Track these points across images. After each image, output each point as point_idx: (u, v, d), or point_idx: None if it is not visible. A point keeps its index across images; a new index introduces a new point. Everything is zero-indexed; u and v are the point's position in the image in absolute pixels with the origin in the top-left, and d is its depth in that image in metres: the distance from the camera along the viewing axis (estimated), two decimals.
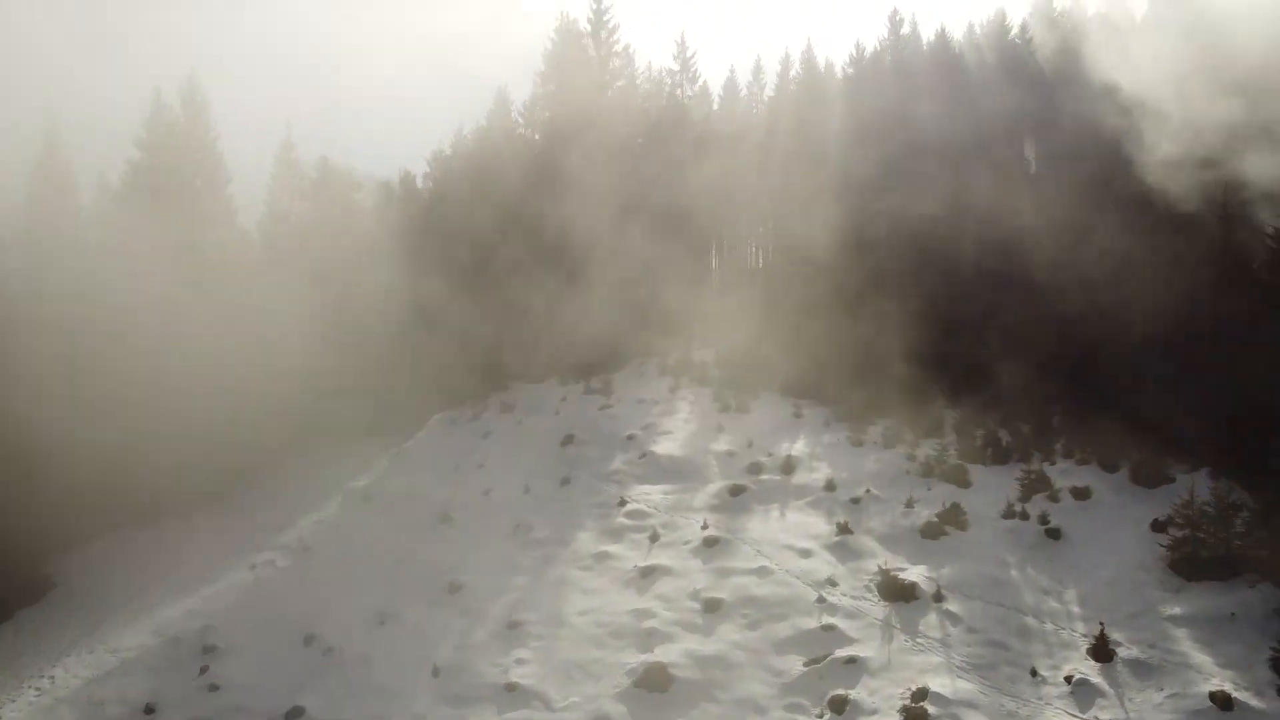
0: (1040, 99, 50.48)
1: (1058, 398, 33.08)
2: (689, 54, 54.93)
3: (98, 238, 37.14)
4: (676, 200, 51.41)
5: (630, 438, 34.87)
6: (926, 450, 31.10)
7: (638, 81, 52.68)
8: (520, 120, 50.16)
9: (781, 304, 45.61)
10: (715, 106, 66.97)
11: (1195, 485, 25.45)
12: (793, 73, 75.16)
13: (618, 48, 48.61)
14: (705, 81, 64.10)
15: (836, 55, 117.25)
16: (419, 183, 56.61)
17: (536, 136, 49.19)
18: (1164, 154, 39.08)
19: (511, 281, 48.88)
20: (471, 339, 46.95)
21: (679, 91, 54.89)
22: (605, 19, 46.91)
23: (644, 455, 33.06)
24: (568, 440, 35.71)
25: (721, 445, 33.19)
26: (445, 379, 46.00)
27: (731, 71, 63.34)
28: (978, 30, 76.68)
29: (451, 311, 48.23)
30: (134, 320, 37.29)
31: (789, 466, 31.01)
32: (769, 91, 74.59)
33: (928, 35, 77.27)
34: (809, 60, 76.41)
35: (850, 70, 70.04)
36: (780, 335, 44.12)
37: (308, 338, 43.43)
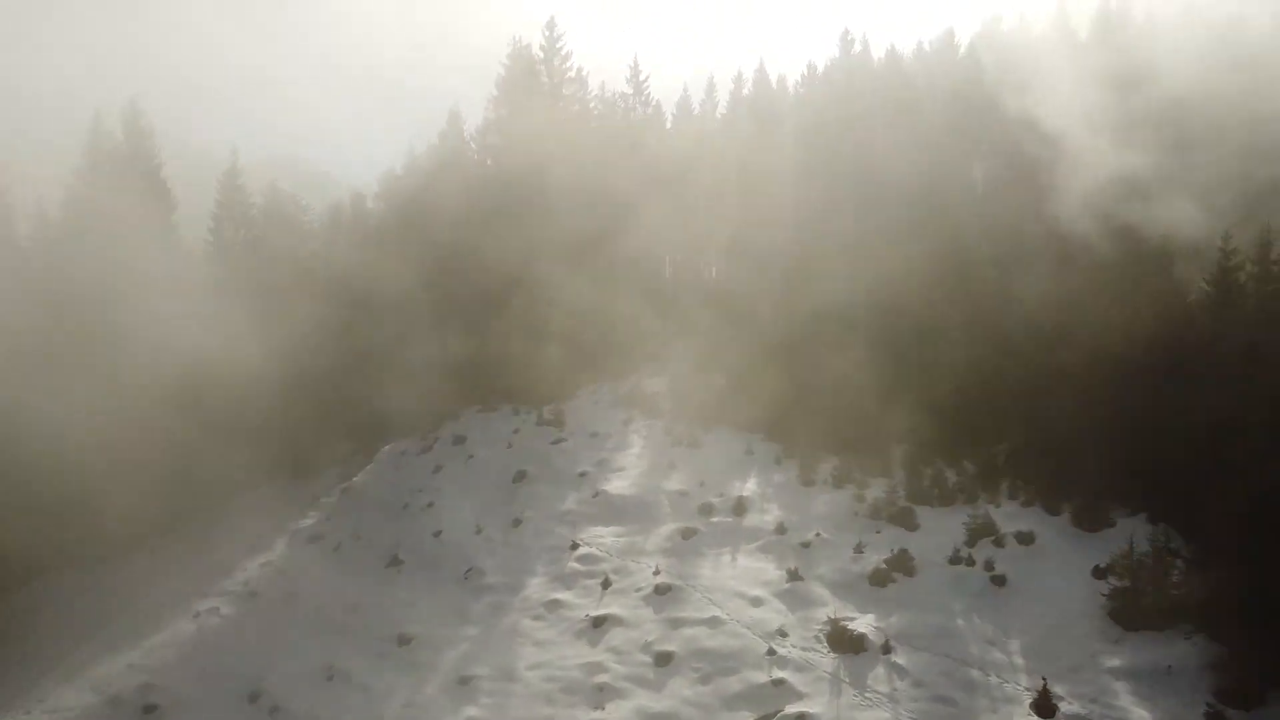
0: (986, 122, 51.49)
1: (1003, 434, 33.71)
2: (642, 78, 54.96)
3: (34, 270, 36.06)
4: (627, 224, 51.53)
5: (583, 475, 34.81)
6: (875, 491, 31.44)
7: (591, 105, 52.58)
8: (472, 145, 49.80)
9: (732, 331, 45.94)
10: (669, 125, 67.22)
11: (1135, 532, 26.17)
12: (745, 91, 75.70)
13: (570, 73, 48.52)
14: (659, 101, 64.07)
15: (791, 70, 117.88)
16: (369, 203, 56.14)
17: (489, 161, 48.86)
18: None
19: (463, 307, 48.64)
20: (423, 365, 46.59)
21: (632, 115, 54.84)
22: (558, 46, 46.74)
23: (596, 494, 33.01)
24: (520, 477, 35.54)
25: (674, 484, 33.25)
26: (395, 407, 45.61)
27: (685, 90, 62.75)
28: (927, 47, 78.00)
29: (402, 338, 47.89)
30: (67, 356, 36.36)
31: (740, 508, 31.16)
32: (721, 109, 75.04)
33: (879, 54, 78.44)
34: (761, 79, 77.00)
35: (802, 90, 70.70)
36: (731, 363, 44.41)
37: (252, 368, 42.69)
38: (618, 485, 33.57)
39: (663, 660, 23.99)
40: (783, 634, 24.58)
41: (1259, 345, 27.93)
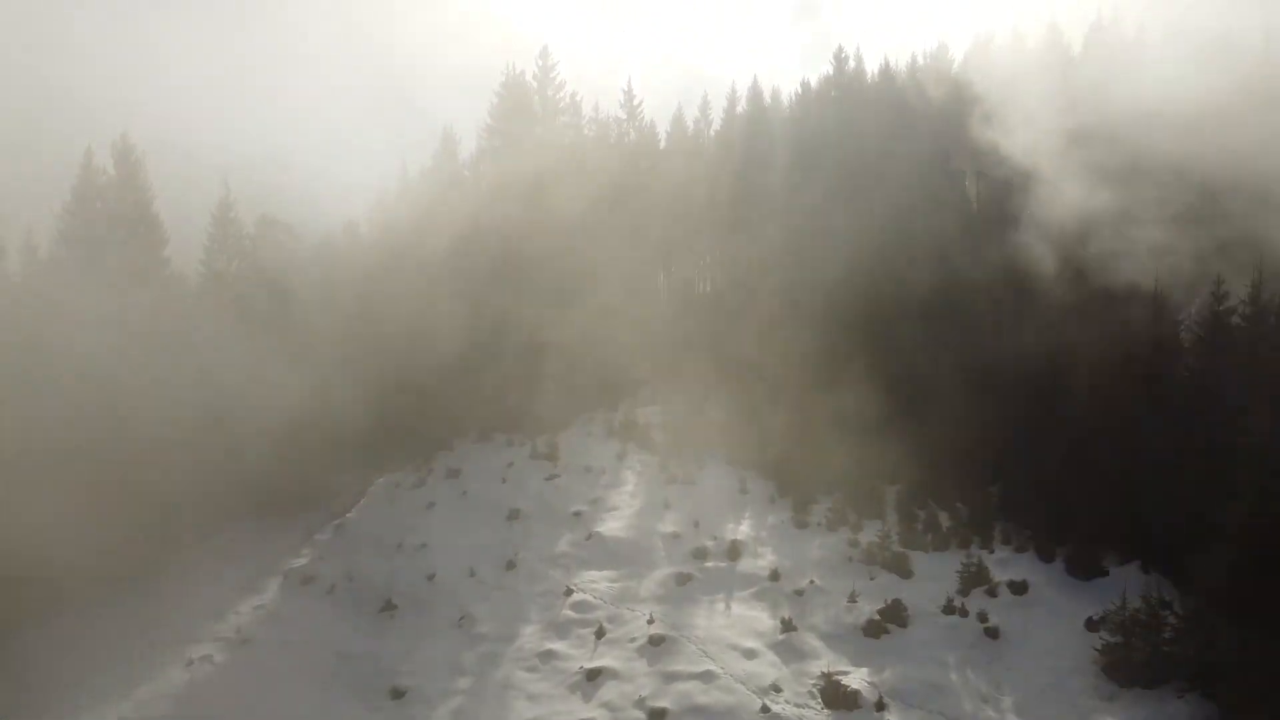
0: (975, 149, 51.68)
1: (996, 473, 33.79)
2: (636, 102, 54.98)
3: (22, 308, 35.87)
4: (621, 250, 51.60)
5: (577, 514, 34.78)
6: (869, 535, 31.46)
7: (585, 129, 52.63)
8: (466, 171, 49.80)
9: (726, 358, 46.01)
10: (663, 144, 67.31)
11: (1128, 582, 26.32)
12: (739, 109, 75.80)
13: (564, 100, 48.48)
14: (652, 121, 64.25)
15: (786, 85, 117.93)
16: (363, 228, 56.06)
17: (482, 186, 48.86)
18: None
19: (457, 335, 48.55)
20: (417, 394, 46.54)
21: (625, 140, 54.87)
22: (552, 75, 46.68)
23: (590, 536, 32.98)
24: (514, 515, 35.49)
25: (668, 525, 33.23)
26: (388, 438, 45.53)
27: (679, 108, 62.76)
28: (921, 61, 78.12)
29: (396, 366, 47.78)
30: (58, 391, 36.17)
31: (735, 552, 31.15)
32: (716, 126, 75.11)
33: (873, 67, 78.57)
34: (755, 95, 77.07)
35: (797, 110, 70.84)
36: (724, 393, 44.46)
37: (243, 401, 42.58)
38: (612, 526, 33.54)
39: (656, 717, 23.95)
40: (776, 689, 24.57)
41: (1247, 397, 28.08)
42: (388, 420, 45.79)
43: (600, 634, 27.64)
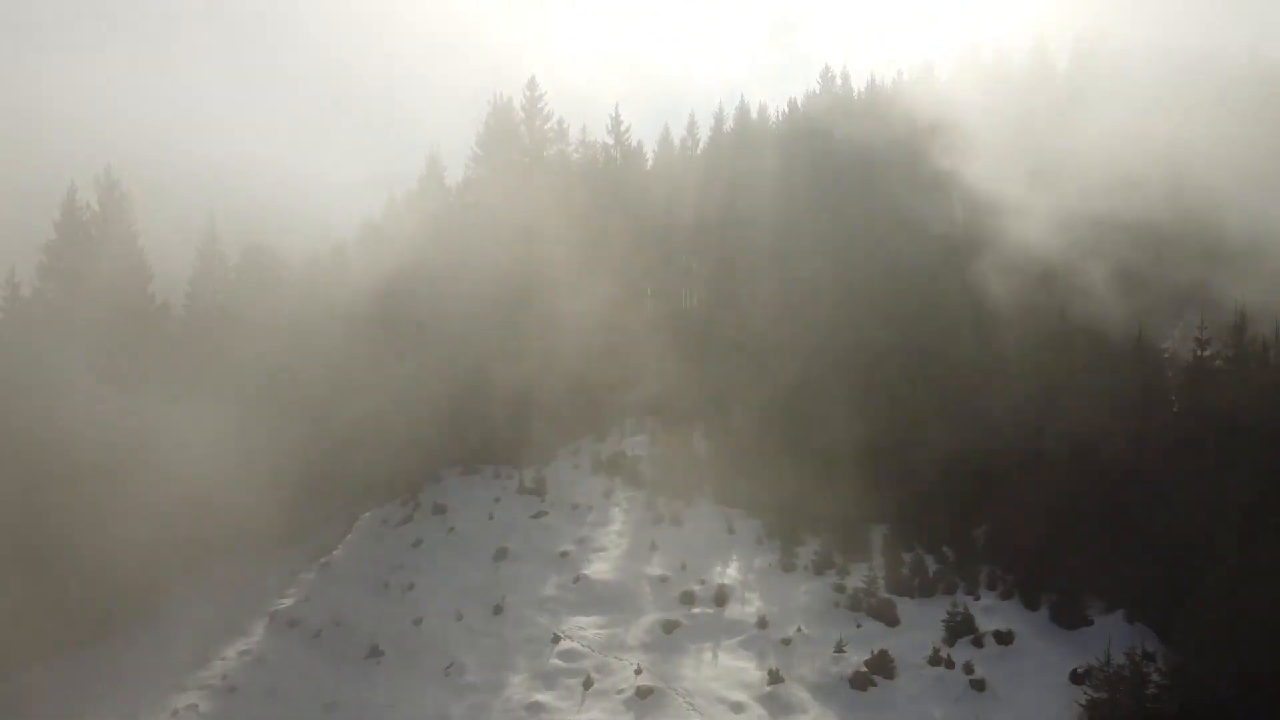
0: (957, 167, 52.02)
1: (981, 514, 33.97)
2: (623, 127, 54.99)
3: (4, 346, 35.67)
4: (609, 277, 51.61)
5: (564, 555, 34.77)
6: (855, 580, 31.57)
7: (572, 156, 52.61)
8: (452, 200, 49.76)
9: (713, 388, 46.12)
10: (650, 165, 67.39)
11: (1112, 633, 26.61)
12: (727, 126, 75.88)
13: (551, 126, 48.46)
14: (640, 142, 64.40)
15: (768, 99, 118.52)
16: (350, 251, 55.89)
17: (468, 217, 48.78)
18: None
19: (443, 363, 48.44)
20: (404, 423, 46.37)
21: (613, 165, 54.93)
22: (539, 105, 46.64)
23: (577, 579, 32.98)
24: (501, 555, 35.43)
25: (655, 568, 33.26)
26: (377, 467, 45.39)
27: (666, 129, 63.07)
28: (907, 77, 78.47)
29: (383, 395, 47.60)
30: (38, 432, 35.98)
31: (722, 597, 31.22)
32: (703, 144, 75.29)
33: (859, 86, 79.02)
34: (742, 114, 77.17)
35: (785, 126, 71.20)
36: (711, 425, 44.56)
37: (227, 433, 42.42)
38: (599, 568, 33.54)
39: None
40: None
41: (1229, 446, 28.32)
42: (374, 451, 45.68)
43: (588, 684, 27.64)
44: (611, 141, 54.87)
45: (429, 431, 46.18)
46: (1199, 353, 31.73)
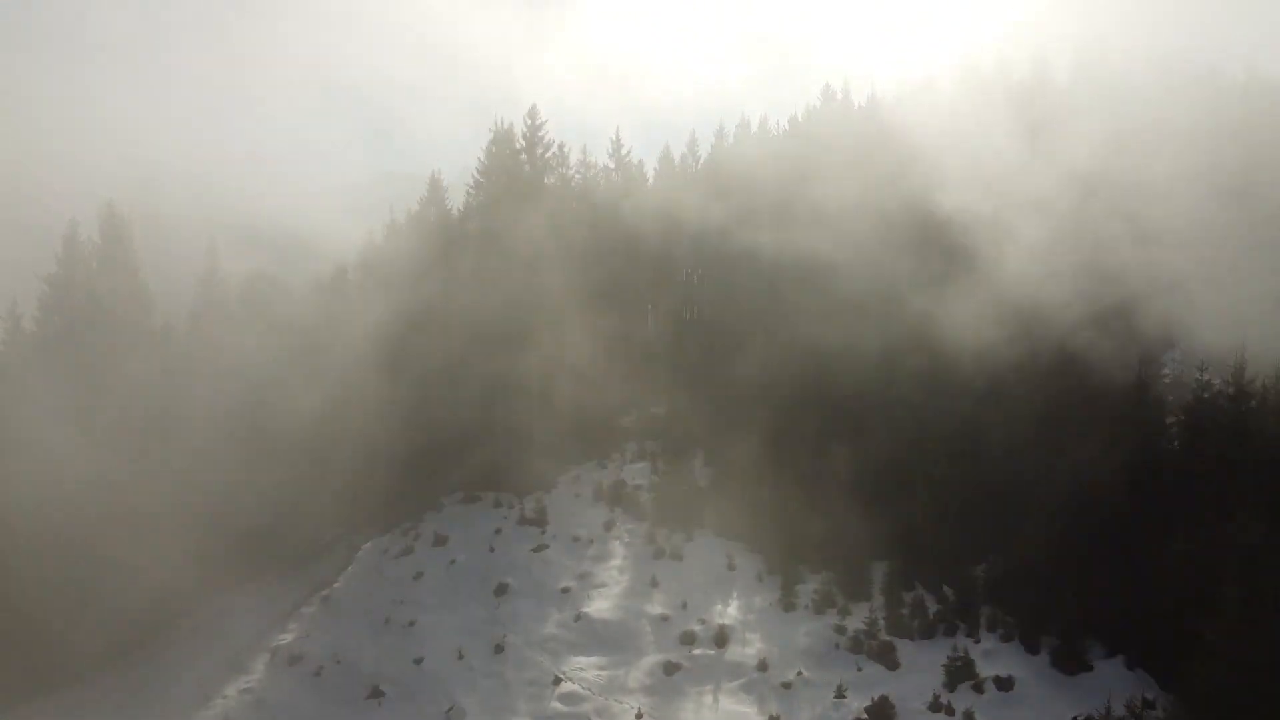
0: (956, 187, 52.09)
1: (982, 551, 33.96)
2: (624, 151, 55.19)
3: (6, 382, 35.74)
4: (608, 301, 51.70)
5: (565, 591, 34.82)
6: (856, 621, 31.59)
7: (573, 181, 52.68)
8: (454, 225, 49.87)
9: (712, 417, 46.16)
10: (650, 182, 67.46)
11: (1113, 681, 26.63)
12: (728, 142, 75.96)
13: (551, 155, 48.48)
14: (640, 161, 64.61)
15: (764, 113, 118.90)
16: (351, 275, 56.00)
17: (469, 245, 48.83)
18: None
19: (444, 387, 48.50)
20: (404, 448, 46.45)
21: (614, 189, 55.07)
22: (540, 134, 46.68)
23: (578, 617, 33.02)
24: (501, 590, 35.47)
25: (656, 606, 33.29)
26: (376, 495, 45.47)
27: (666, 148, 63.27)
28: (907, 91, 78.70)
29: (383, 420, 47.65)
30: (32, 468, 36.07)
31: (722, 637, 31.27)
32: (703, 159, 75.36)
33: (860, 99, 79.10)
34: (743, 130, 77.25)
35: (785, 142, 71.33)
36: (712, 451, 44.58)
37: (227, 461, 42.52)
38: (600, 606, 33.57)
39: None
40: None
41: (1231, 490, 28.30)
42: (375, 478, 45.78)
43: None
44: (613, 165, 54.86)
45: (430, 458, 46.32)
46: (1201, 393, 31.75)
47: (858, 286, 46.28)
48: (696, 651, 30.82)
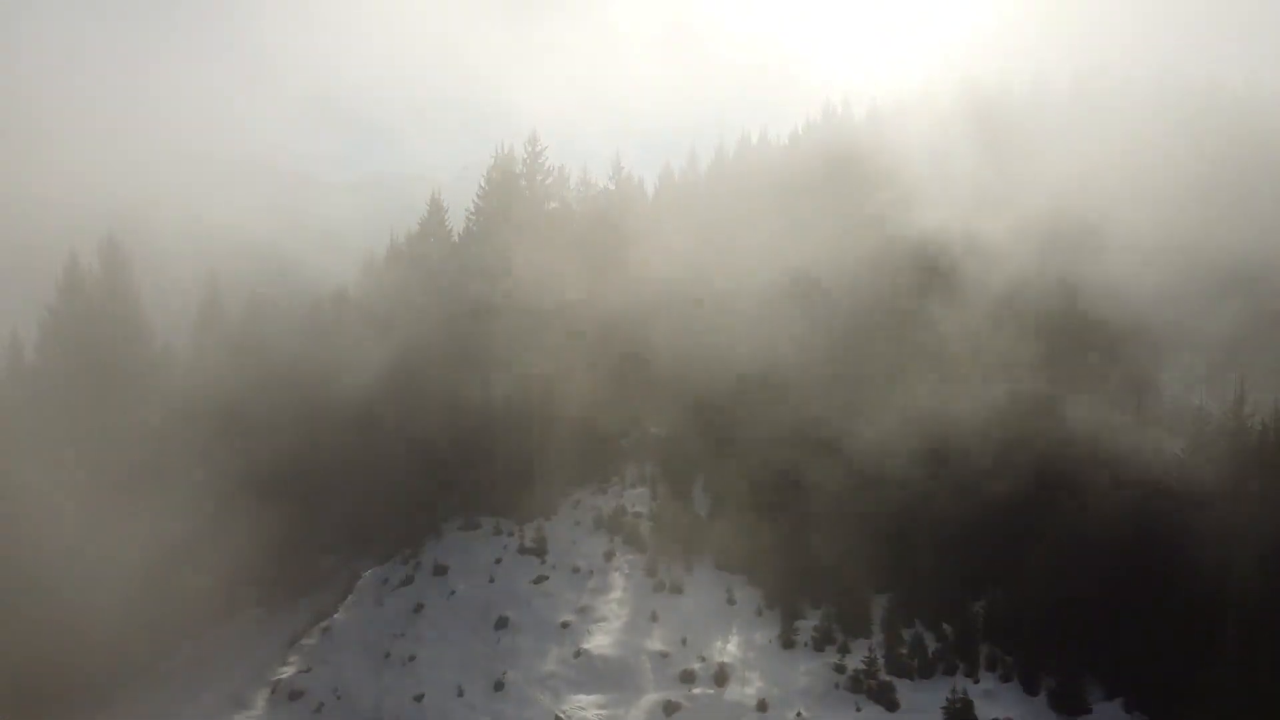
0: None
1: (982, 588, 34.00)
2: (624, 172, 55.26)
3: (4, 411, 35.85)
4: (606, 323, 51.75)
5: (565, 625, 34.82)
6: (855, 660, 31.60)
7: (573, 203, 52.79)
8: (454, 246, 50.01)
9: (713, 438, 46.13)
10: (651, 197, 67.64)
11: None
12: (728, 156, 76.10)
13: (551, 182, 48.59)
14: (640, 179, 64.86)
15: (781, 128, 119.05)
16: (351, 294, 56.11)
17: (469, 271, 48.96)
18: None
19: (443, 411, 48.60)
20: (404, 473, 46.58)
21: (614, 209, 55.16)
22: (540, 161, 46.77)
23: (578, 653, 33.03)
24: (502, 623, 35.49)
25: (656, 643, 33.30)
26: (377, 521, 45.58)
27: (666, 165, 63.62)
28: (908, 103, 79.06)
29: (382, 444, 47.78)
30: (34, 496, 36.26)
31: (722, 677, 31.31)
32: (703, 172, 75.61)
33: (860, 113, 79.57)
34: (744, 143, 77.30)
35: (787, 156, 71.64)
36: (712, 480, 44.56)
37: (227, 488, 42.69)
38: (600, 642, 33.58)
39: None
40: None
41: (1230, 530, 28.37)
42: (375, 504, 45.91)
43: None
44: (613, 186, 54.95)
45: (430, 482, 46.43)
46: (1200, 428, 31.85)
47: (859, 320, 46.50)
48: (696, 690, 30.86)
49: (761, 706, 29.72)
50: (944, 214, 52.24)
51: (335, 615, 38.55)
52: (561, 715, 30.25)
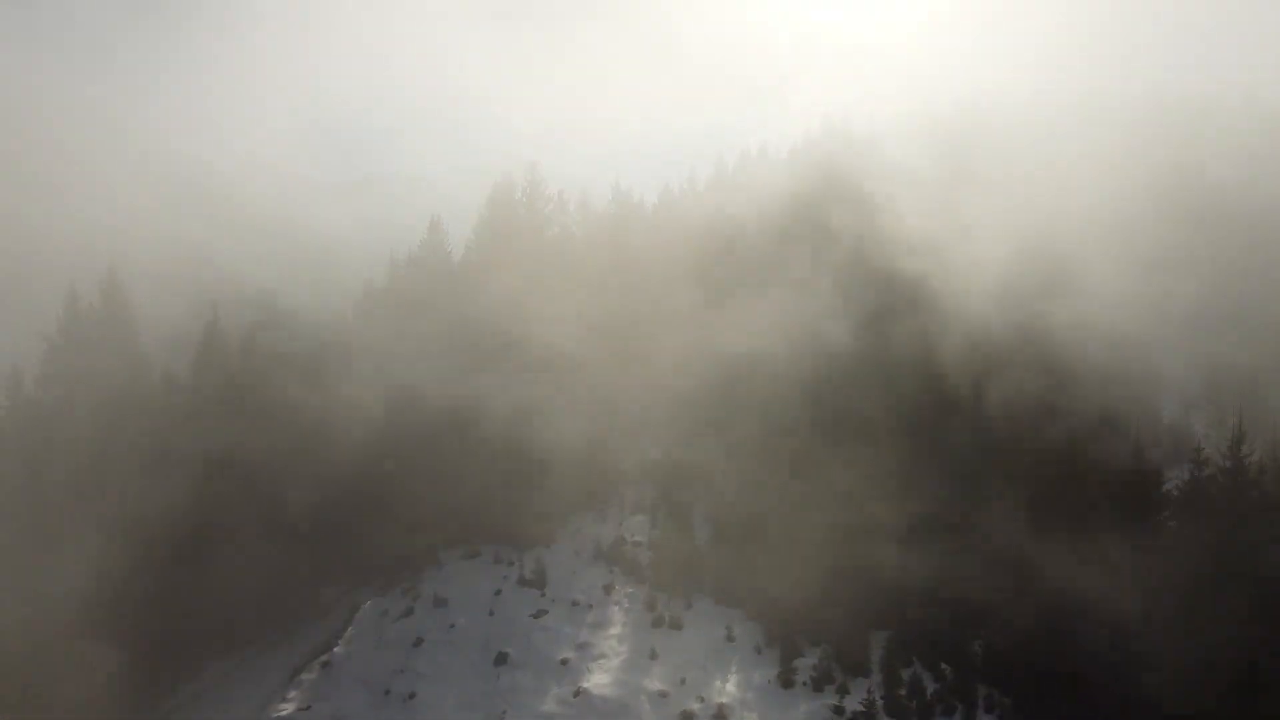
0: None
1: (981, 624, 34.07)
2: (625, 196, 55.34)
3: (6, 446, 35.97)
4: (605, 348, 51.83)
5: (564, 662, 34.92)
6: (854, 702, 31.71)
7: (574, 229, 52.92)
8: (455, 273, 50.15)
9: (715, 465, 46.26)
10: (651, 212, 67.69)
11: None
12: (727, 173, 76.16)
13: (551, 209, 48.73)
14: (641, 198, 64.97)
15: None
16: (350, 318, 56.31)
17: (470, 293, 49.09)
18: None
19: (444, 437, 48.66)
20: (404, 500, 46.59)
21: (616, 231, 55.34)
22: (540, 188, 46.90)
23: (578, 693, 33.11)
24: (501, 660, 35.56)
25: (655, 682, 33.41)
26: (376, 550, 45.59)
27: (666, 186, 63.81)
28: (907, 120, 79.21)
29: (382, 472, 47.80)
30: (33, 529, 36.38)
31: (721, 718, 31.41)
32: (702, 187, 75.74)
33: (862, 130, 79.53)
34: (744, 159, 77.32)
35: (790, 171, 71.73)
36: (711, 507, 44.67)
37: (228, 518, 42.74)
38: (599, 680, 33.67)
39: None
40: None
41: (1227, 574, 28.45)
42: (374, 532, 45.91)
43: None
44: (615, 209, 55.13)
45: (430, 509, 46.47)
46: (1197, 474, 31.90)
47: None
48: None
49: None
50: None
51: (335, 649, 38.57)
52: None
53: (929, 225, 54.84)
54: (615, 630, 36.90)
